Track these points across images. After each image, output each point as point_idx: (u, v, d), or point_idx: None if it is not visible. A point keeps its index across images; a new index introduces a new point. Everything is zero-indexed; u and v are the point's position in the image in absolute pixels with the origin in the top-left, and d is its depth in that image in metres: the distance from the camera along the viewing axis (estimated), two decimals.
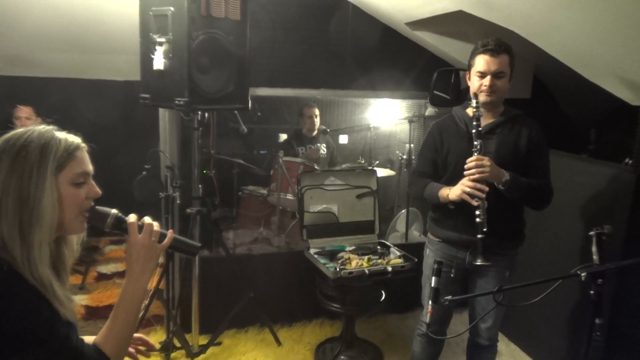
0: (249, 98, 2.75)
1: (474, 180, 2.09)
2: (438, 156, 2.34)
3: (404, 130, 4.53)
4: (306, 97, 4.50)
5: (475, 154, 2.11)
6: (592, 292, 1.55)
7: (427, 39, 3.49)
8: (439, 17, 3.01)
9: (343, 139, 5.17)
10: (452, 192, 2.17)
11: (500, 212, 2.16)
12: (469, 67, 2.24)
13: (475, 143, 2.13)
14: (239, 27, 2.61)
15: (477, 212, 2.10)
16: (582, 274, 1.52)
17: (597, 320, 1.56)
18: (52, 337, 1.05)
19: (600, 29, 2.26)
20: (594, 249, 1.62)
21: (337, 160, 4.62)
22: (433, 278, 1.75)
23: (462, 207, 2.18)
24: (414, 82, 3.77)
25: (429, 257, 2.46)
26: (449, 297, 1.70)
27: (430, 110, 4.05)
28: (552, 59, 2.70)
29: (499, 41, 2.14)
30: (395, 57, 3.78)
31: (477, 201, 2.09)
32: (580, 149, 3.41)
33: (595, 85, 2.68)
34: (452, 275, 2.34)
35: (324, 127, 4.60)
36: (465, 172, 2.11)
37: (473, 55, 2.20)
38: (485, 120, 2.24)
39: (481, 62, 2.15)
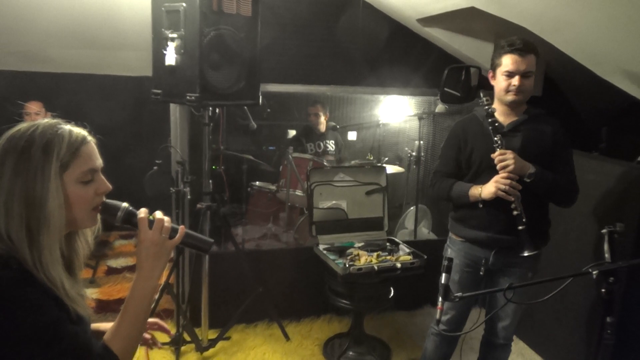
0: (260, 94, 2.76)
1: (506, 177, 2.09)
2: (462, 155, 2.31)
3: (413, 127, 4.52)
4: (316, 94, 4.51)
5: (498, 149, 2.12)
6: (603, 290, 1.54)
7: (438, 35, 3.48)
8: (451, 14, 3.00)
9: (352, 136, 5.17)
10: (486, 191, 2.15)
11: (526, 209, 2.14)
12: (493, 66, 2.21)
13: (495, 138, 2.12)
14: (250, 23, 2.62)
15: (513, 206, 2.10)
16: (594, 272, 1.52)
17: (608, 319, 1.56)
18: (60, 336, 1.03)
19: (613, 26, 2.24)
20: (606, 246, 1.61)
21: (345, 157, 4.62)
22: (443, 275, 1.75)
23: (490, 205, 2.17)
24: (423, 79, 3.77)
25: (450, 256, 2.45)
26: (459, 294, 1.70)
27: (440, 107, 4.03)
28: (563, 56, 2.68)
29: (526, 41, 2.12)
30: (405, 54, 3.78)
31: (513, 197, 2.09)
32: (592, 147, 3.39)
33: (608, 82, 2.66)
34: (481, 274, 2.32)
35: (333, 124, 4.61)
36: (498, 169, 2.11)
37: (499, 55, 2.17)
38: (509, 119, 2.24)
39: (509, 61, 2.12)
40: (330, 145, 4.58)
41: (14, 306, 0.99)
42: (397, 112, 4.70)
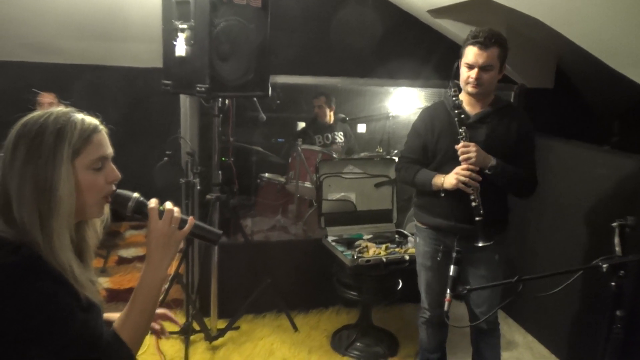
0: (269, 85, 2.76)
1: (467, 169, 2.12)
2: (428, 143, 2.34)
3: None
4: (323, 86, 4.51)
5: (462, 141, 2.14)
6: (613, 283, 1.54)
7: (448, 27, 3.46)
8: (462, 5, 2.97)
9: (361, 128, 5.16)
10: (447, 181, 2.19)
11: (487, 200, 2.17)
12: (459, 56, 2.24)
13: (460, 130, 2.16)
14: (260, 14, 2.61)
15: (472, 197, 2.13)
16: (604, 266, 1.51)
17: (617, 312, 1.55)
18: (71, 324, 1.04)
19: (627, 17, 2.21)
20: (616, 240, 1.61)
21: (355, 149, 4.62)
22: (452, 267, 1.76)
23: (451, 194, 2.21)
24: (434, 71, 3.74)
25: (420, 245, 2.48)
26: (467, 287, 1.71)
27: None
28: (576, 48, 2.65)
29: (491, 33, 2.12)
30: (415, 46, 3.75)
31: (472, 190, 2.12)
32: (603, 140, 3.35)
33: (621, 75, 2.62)
34: (438, 259, 2.36)
35: (342, 116, 4.61)
36: (460, 160, 2.14)
37: (464, 45, 2.20)
38: (475, 110, 2.27)
39: (470, 53, 2.15)
40: (339, 137, 4.57)
41: (25, 293, 1.00)
42: (407, 104, 4.68)
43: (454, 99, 2.18)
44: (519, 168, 2.22)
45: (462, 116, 2.18)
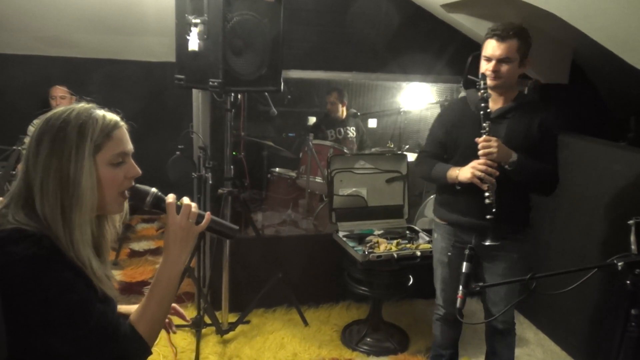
0: (281, 80, 2.75)
1: (484, 164, 2.09)
2: (448, 138, 2.33)
3: (434, 114, 4.47)
4: (336, 81, 4.50)
5: (484, 135, 2.11)
6: (628, 282, 1.52)
7: (462, 21, 3.42)
8: None
9: (372, 123, 5.15)
10: (462, 174, 2.17)
11: (506, 196, 2.14)
12: (481, 50, 2.23)
13: (484, 125, 2.12)
14: (273, 8, 2.61)
15: (487, 194, 2.09)
16: (619, 264, 1.49)
17: (633, 311, 1.54)
18: (89, 314, 1.06)
19: None
20: (632, 238, 1.58)
21: (367, 144, 4.61)
22: (465, 264, 1.74)
23: (468, 189, 2.18)
24: (446, 66, 3.70)
25: (437, 240, 2.47)
26: (480, 284, 1.70)
27: (462, 95, 3.98)
28: (592, 43, 2.61)
29: (510, 26, 2.11)
30: (428, 40, 3.71)
31: (487, 185, 2.09)
32: (619, 136, 3.31)
33: (637, 70, 2.58)
34: (449, 254, 2.36)
35: (354, 111, 4.60)
36: (480, 154, 2.10)
37: (484, 39, 2.19)
38: (497, 105, 2.24)
39: (488, 46, 2.14)
40: (351, 132, 4.57)
41: (46, 284, 1.02)
42: (418, 99, 4.66)
43: (482, 91, 2.15)
44: (541, 165, 2.18)
45: (488, 110, 2.14)
